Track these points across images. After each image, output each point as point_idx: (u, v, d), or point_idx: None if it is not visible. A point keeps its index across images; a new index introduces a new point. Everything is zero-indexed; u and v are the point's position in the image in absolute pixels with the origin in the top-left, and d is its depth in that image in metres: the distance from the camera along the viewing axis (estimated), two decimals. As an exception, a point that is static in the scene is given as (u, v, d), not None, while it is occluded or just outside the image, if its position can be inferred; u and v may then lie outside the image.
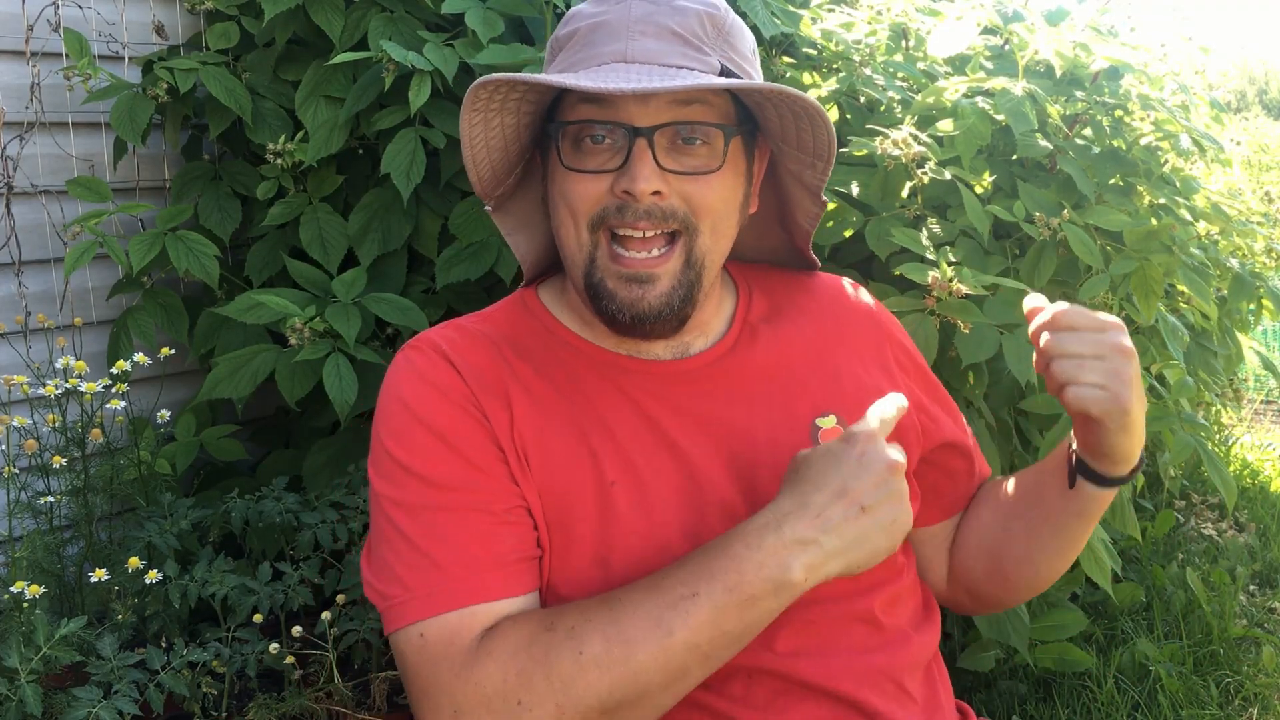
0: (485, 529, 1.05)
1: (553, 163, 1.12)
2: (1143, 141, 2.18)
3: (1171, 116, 2.11)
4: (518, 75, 1.05)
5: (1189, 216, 2.19)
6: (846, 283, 1.33)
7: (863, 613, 1.14)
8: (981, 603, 1.32)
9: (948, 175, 1.92)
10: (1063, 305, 1.05)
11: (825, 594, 1.11)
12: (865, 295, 1.32)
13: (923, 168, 1.89)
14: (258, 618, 1.73)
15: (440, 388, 1.10)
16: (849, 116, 2.11)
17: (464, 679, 0.98)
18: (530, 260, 1.26)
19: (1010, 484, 1.26)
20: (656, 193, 1.05)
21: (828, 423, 1.17)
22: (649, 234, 1.06)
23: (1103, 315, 1.04)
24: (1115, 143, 2.15)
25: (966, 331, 1.73)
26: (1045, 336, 1.05)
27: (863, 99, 2.16)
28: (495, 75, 1.05)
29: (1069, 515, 1.17)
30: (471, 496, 1.06)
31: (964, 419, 1.34)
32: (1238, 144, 2.80)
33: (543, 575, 1.09)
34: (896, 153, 1.85)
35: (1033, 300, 1.09)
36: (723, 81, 1.03)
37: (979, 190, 2.05)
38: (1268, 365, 2.69)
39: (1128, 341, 1.03)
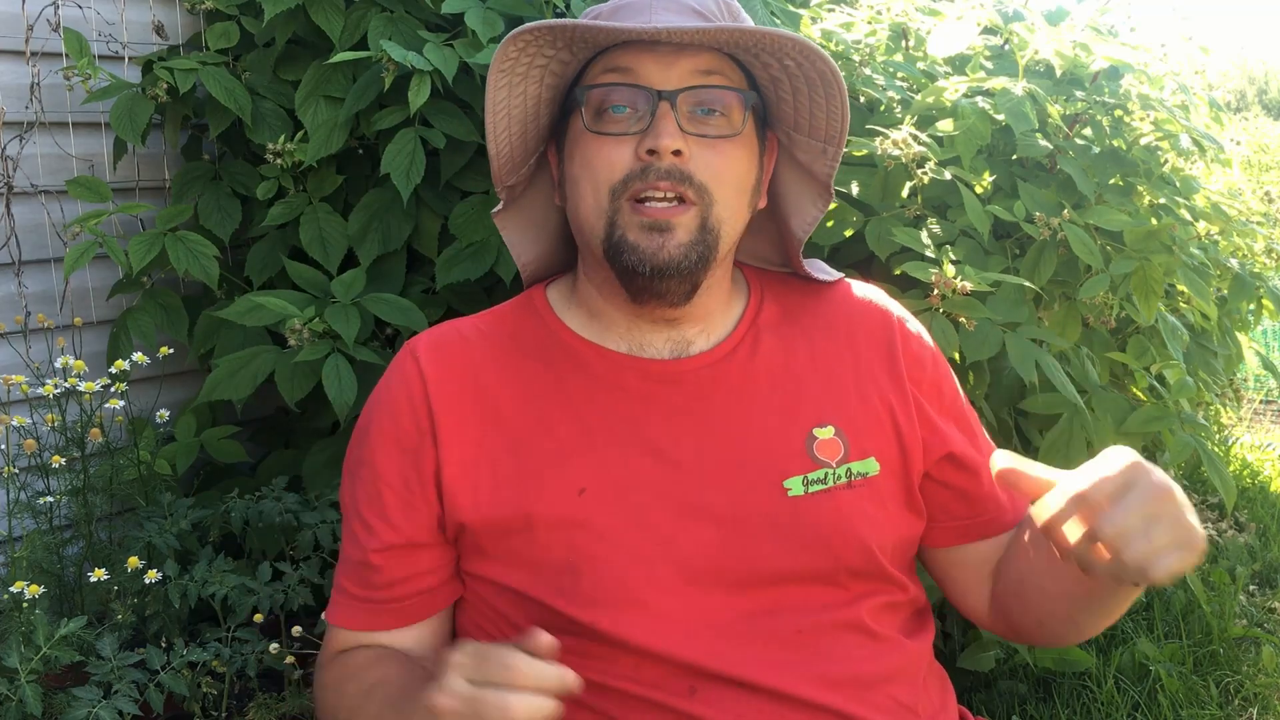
0: (373, 572, 1.14)
1: (574, 134, 1.14)
2: (1143, 141, 2.18)
3: (1171, 116, 2.11)
4: (550, 22, 1.07)
5: (1189, 216, 2.19)
6: (868, 290, 1.29)
7: (852, 621, 1.13)
8: (1023, 638, 1.25)
9: (948, 175, 1.92)
10: (1071, 485, 0.91)
11: (811, 603, 1.11)
12: (884, 302, 1.27)
13: (923, 168, 1.90)
14: (258, 618, 1.73)
15: (396, 410, 1.15)
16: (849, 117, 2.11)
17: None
18: (532, 267, 1.27)
19: (1029, 537, 1.16)
20: (678, 152, 1.07)
21: (825, 433, 1.16)
22: (669, 195, 1.08)
23: (1117, 462, 0.91)
24: (1115, 143, 2.15)
25: (971, 329, 1.73)
26: (1078, 527, 0.91)
27: (863, 99, 2.16)
28: (529, 25, 1.07)
29: (1090, 597, 1.09)
30: (379, 534, 1.13)
31: (989, 441, 1.27)
32: (1238, 144, 2.80)
33: (496, 584, 1.13)
34: (896, 153, 1.86)
35: (1005, 461, 0.97)
36: (747, 27, 1.07)
37: (979, 190, 2.05)
38: (1268, 365, 2.69)
39: (1157, 475, 0.92)
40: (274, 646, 1.69)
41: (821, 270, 1.28)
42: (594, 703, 1.09)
